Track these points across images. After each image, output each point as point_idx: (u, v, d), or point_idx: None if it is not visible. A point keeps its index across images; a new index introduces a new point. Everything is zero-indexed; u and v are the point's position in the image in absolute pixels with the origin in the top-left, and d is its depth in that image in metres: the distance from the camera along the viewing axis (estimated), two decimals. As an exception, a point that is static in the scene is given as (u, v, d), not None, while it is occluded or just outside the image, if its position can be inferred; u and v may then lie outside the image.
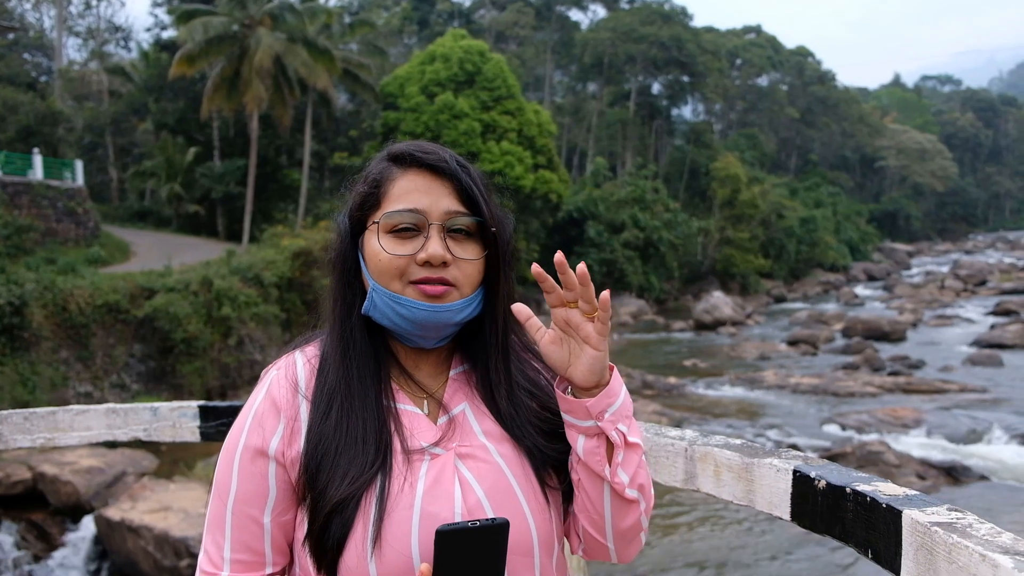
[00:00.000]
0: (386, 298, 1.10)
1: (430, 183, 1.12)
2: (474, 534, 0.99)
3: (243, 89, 25.66)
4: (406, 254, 1.09)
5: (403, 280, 1.10)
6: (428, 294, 1.09)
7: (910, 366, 20.77)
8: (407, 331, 1.12)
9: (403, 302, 1.09)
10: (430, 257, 1.08)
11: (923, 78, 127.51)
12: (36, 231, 21.53)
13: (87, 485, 10.68)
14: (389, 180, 1.13)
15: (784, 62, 64.53)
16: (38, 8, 38.96)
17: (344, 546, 1.03)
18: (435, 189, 1.12)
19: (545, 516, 1.11)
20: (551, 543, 1.12)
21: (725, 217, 43.58)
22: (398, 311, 1.10)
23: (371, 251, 1.11)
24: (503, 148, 30.82)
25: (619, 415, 1.09)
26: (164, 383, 16.41)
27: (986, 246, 71.91)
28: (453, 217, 1.11)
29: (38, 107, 25.86)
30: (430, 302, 1.09)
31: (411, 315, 1.09)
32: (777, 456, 1.30)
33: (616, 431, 1.08)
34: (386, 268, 1.09)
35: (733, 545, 10.06)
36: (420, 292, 1.09)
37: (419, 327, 1.11)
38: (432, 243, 1.09)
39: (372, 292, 1.11)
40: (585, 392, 1.08)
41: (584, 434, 1.09)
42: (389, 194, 1.12)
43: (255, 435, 1.09)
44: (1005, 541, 0.90)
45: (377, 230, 1.11)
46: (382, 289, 1.10)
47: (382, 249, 1.10)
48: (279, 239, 21.26)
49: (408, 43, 50.71)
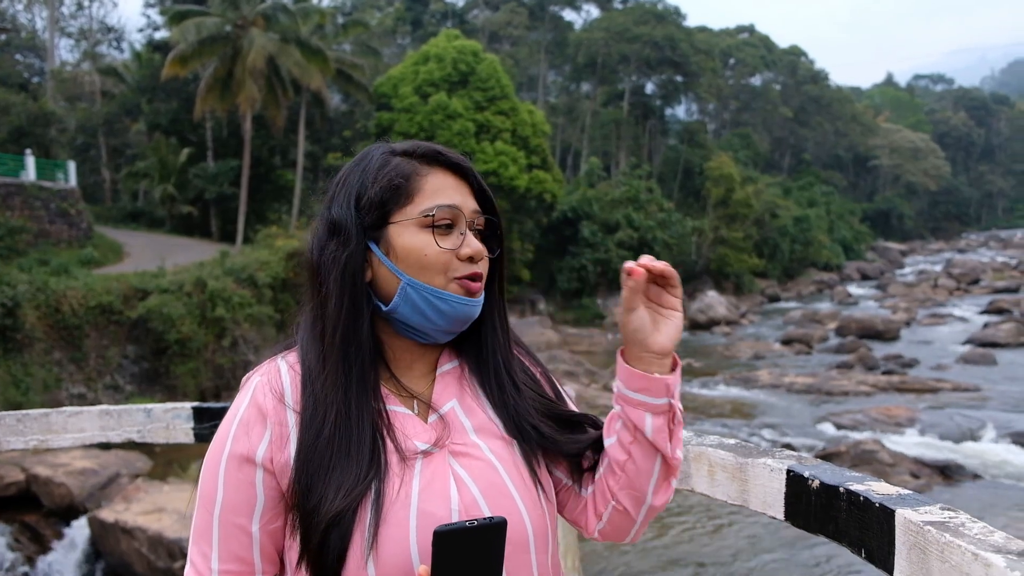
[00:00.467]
0: (427, 293, 1.09)
1: (457, 182, 1.14)
2: (472, 534, 0.98)
3: (236, 90, 25.60)
4: (451, 248, 1.11)
5: (447, 275, 1.11)
6: (470, 290, 1.11)
7: (904, 365, 20.84)
8: (436, 326, 1.12)
9: (446, 297, 1.10)
10: (475, 252, 1.11)
11: (915, 77, 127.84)
12: (29, 232, 21.47)
13: (81, 487, 10.65)
14: (419, 176, 1.12)
15: (777, 62, 64.68)
16: (30, 9, 38.84)
17: (345, 557, 1.01)
18: (462, 187, 1.14)
19: (539, 512, 1.12)
20: (546, 539, 1.12)
21: (719, 217, 43.65)
22: (438, 307, 1.10)
23: (410, 246, 1.10)
24: (497, 148, 30.81)
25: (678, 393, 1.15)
26: (158, 384, 16.37)
27: (979, 245, 72.18)
28: (477, 216, 1.14)
29: (30, 108, 25.77)
30: (471, 297, 1.12)
31: (452, 310, 1.10)
32: (771, 456, 1.30)
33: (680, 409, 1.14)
34: (433, 262, 1.09)
35: (728, 545, 10.07)
36: (463, 287, 1.11)
37: (452, 322, 1.12)
38: (472, 239, 1.12)
39: (408, 288, 1.09)
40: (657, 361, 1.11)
41: (652, 412, 1.11)
42: (423, 190, 1.11)
43: (241, 442, 1.06)
44: (997, 540, 0.90)
45: (413, 225, 1.11)
46: (421, 284, 1.09)
47: (434, 243, 1.10)
48: (273, 240, 21.23)
49: (402, 43, 50.67)
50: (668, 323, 1.11)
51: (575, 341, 27.69)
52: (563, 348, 24.15)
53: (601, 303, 34.70)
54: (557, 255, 35.06)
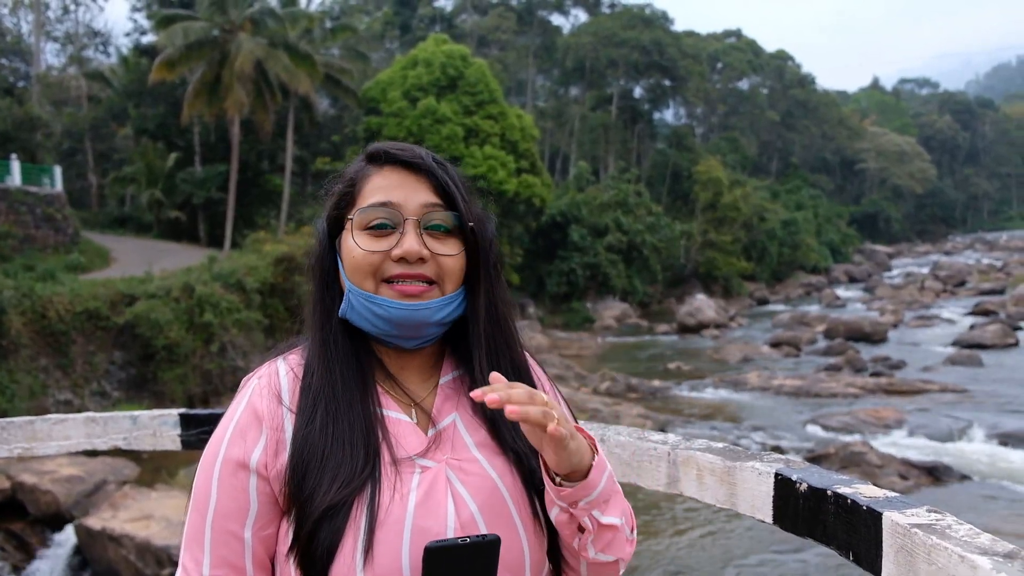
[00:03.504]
0: (361, 298, 1.08)
1: (405, 179, 1.10)
2: (464, 551, 0.97)
3: (224, 94, 25.52)
4: (380, 250, 1.07)
5: (376, 278, 1.08)
6: (405, 293, 1.07)
7: (891, 367, 20.94)
8: (386, 332, 1.09)
9: (378, 302, 1.07)
10: (405, 253, 1.06)
11: (901, 81, 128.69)
12: (14, 238, 21.33)
13: (67, 494, 10.57)
14: (364, 178, 1.12)
15: (764, 66, 65.05)
16: (15, 13, 38.58)
17: (334, 556, 0.99)
18: (410, 184, 1.10)
19: (538, 534, 1.08)
20: (542, 561, 1.10)
21: (707, 220, 43.82)
22: (374, 311, 1.07)
23: (345, 249, 1.10)
24: (486, 152, 30.83)
25: (596, 501, 1.03)
26: (145, 390, 16.27)
27: (965, 247, 72.64)
28: (430, 211, 1.09)
29: (16, 113, 25.62)
30: (407, 301, 1.07)
31: (388, 315, 1.07)
32: (759, 459, 1.30)
33: (589, 517, 1.03)
34: (360, 265, 1.07)
35: (718, 548, 10.09)
36: (396, 291, 1.07)
37: (397, 327, 1.08)
38: (407, 239, 1.07)
39: (348, 293, 1.09)
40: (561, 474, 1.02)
41: (557, 507, 1.04)
42: (364, 191, 1.11)
43: (236, 447, 1.05)
44: (983, 542, 0.91)
45: (351, 228, 1.09)
46: (357, 289, 1.08)
47: (356, 246, 1.08)
48: (261, 244, 21.17)
49: (390, 48, 50.65)
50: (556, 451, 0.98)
51: (565, 345, 27.71)
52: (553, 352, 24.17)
53: (590, 307, 34.75)
54: (546, 259, 35.09)
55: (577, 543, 1.06)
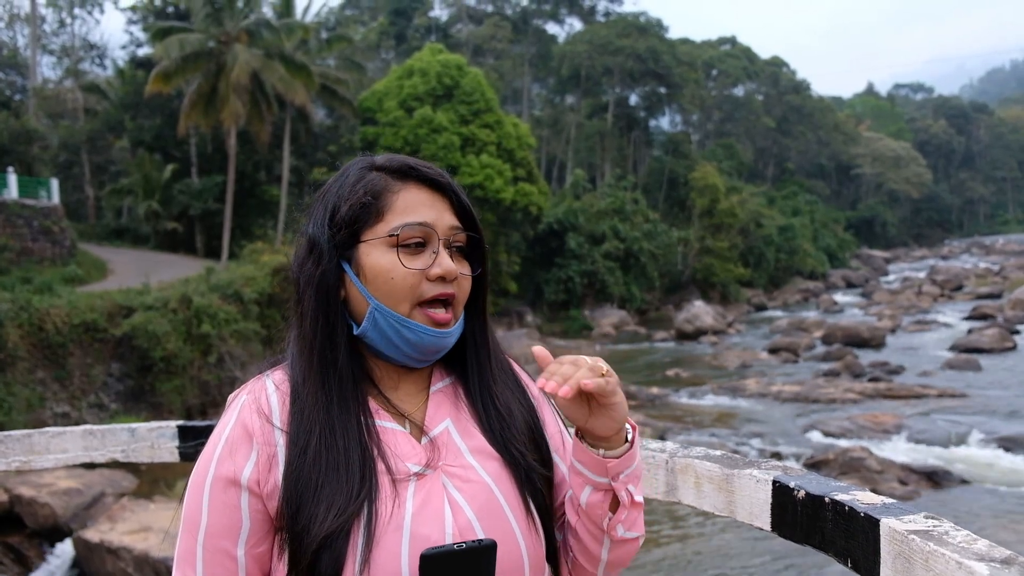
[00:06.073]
0: (393, 321, 1.06)
1: (433, 197, 1.10)
2: (460, 557, 0.96)
3: (220, 105, 25.56)
4: (420, 269, 1.06)
5: (412, 301, 1.07)
6: (436, 320, 1.07)
7: (890, 372, 20.93)
8: (406, 354, 1.09)
9: (412, 327, 1.06)
10: (446, 272, 1.07)
11: (896, 86, 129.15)
12: (11, 250, 21.31)
13: (65, 507, 10.53)
14: (390, 192, 1.09)
15: (759, 72, 65.22)
16: (11, 26, 38.68)
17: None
18: (438, 203, 1.10)
19: (535, 537, 1.08)
20: (541, 564, 1.10)
21: (704, 227, 43.87)
22: (404, 335, 1.06)
23: (377, 267, 1.06)
24: (482, 161, 30.87)
25: (632, 476, 1.08)
26: (143, 402, 16.24)
27: (961, 251, 72.76)
28: (455, 233, 1.09)
29: (12, 125, 25.64)
30: (438, 328, 1.07)
31: (418, 340, 1.07)
32: (757, 467, 1.30)
33: (626, 491, 1.07)
34: (399, 285, 1.06)
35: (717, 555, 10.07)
36: (428, 318, 1.07)
37: (420, 351, 1.09)
38: (444, 258, 1.07)
39: (375, 313, 1.07)
40: (603, 442, 1.06)
41: (592, 486, 1.07)
42: (393, 207, 1.08)
43: (226, 464, 1.03)
44: (980, 548, 0.91)
45: (382, 244, 1.07)
46: (388, 311, 1.06)
47: (400, 263, 1.06)
48: (258, 255, 21.16)
49: (386, 58, 50.78)
50: (603, 411, 1.04)
51: (562, 352, 27.37)
52: (551, 360, 24.09)
53: (588, 314, 34.74)
54: (544, 267, 35.11)
55: (607, 523, 1.08)
